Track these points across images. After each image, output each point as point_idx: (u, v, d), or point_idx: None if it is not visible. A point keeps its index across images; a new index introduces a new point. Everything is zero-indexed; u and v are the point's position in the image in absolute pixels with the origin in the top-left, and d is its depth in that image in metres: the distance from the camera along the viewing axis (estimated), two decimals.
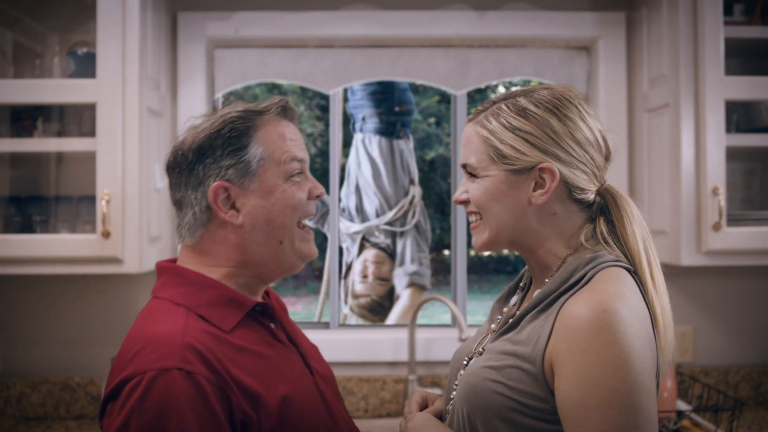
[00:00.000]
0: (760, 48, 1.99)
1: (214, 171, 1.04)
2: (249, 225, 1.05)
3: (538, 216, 1.03)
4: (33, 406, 2.09)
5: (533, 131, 1.00)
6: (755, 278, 2.21)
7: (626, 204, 1.04)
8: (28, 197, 1.99)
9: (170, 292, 1.04)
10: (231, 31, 2.14)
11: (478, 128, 1.04)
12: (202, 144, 1.04)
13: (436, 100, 9.61)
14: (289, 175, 1.07)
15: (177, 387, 0.89)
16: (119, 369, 0.94)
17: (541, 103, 1.01)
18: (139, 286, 2.12)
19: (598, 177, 1.04)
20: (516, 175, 1.01)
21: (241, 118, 1.05)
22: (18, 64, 1.98)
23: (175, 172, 1.08)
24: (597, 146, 1.03)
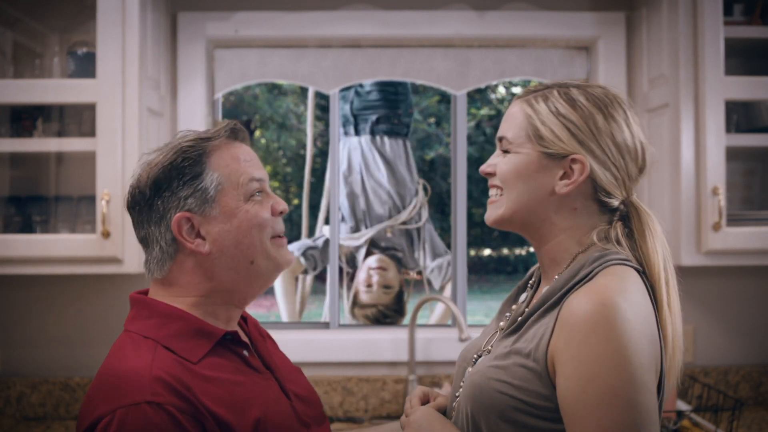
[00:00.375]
0: (760, 48, 1.99)
1: (173, 203, 1.03)
2: (217, 251, 1.04)
3: (557, 207, 1.02)
4: (33, 406, 2.09)
5: (576, 121, 0.99)
6: (755, 278, 2.21)
7: (650, 220, 1.02)
8: (28, 197, 1.99)
9: (139, 325, 1.04)
10: (231, 31, 2.14)
11: (524, 106, 1.04)
12: (157, 178, 1.04)
13: (436, 100, 9.61)
14: (249, 196, 1.06)
15: (149, 420, 0.90)
16: (90, 408, 0.94)
17: (592, 97, 1.01)
18: (138, 286, 2.10)
19: (626, 186, 1.02)
20: (548, 159, 1.01)
21: (192, 147, 1.05)
22: (18, 64, 1.98)
23: (136, 211, 1.08)
24: (634, 155, 1.02)
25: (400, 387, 2.15)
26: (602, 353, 0.87)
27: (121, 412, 0.90)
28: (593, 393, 0.86)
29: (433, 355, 2.16)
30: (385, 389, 2.16)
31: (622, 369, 0.86)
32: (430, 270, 3.38)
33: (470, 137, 9.57)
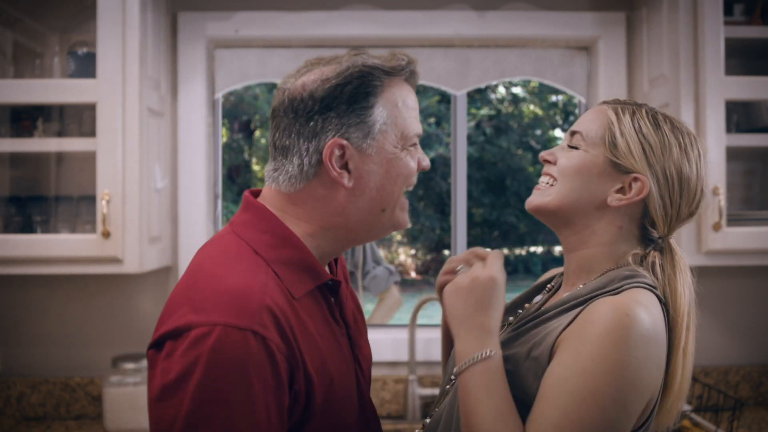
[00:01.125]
0: (760, 48, 1.99)
1: (335, 126, 0.96)
2: (358, 189, 0.98)
3: (603, 217, 1.02)
4: (33, 406, 2.09)
5: (653, 144, 1.01)
6: (755, 278, 2.21)
7: (682, 262, 1.03)
8: (29, 197, 1.99)
9: (252, 236, 0.97)
10: (231, 31, 2.14)
11: (610, 112, 1.04)
12: (326, 95, 0.97)
13: (436, 100, 9.61)
14: (407, 145, 1.01)
15: (249, 349, 0.84)
16: (186, 307, 0.87)
17: (676, 128, 1.03)
18: (139, 286, 2.12)
19: (671, 224, 1.03)
20: (612, 168, 1.01)
21: (371, 74, 0.99)
22: (18, 64, 1.98)
23: (288, 117, 0.99)
24: (691, 196, 1.02)
25: (400, 387, 2.15)
26: (605, 356, 0.87)
27: (221, 330, 0.84)
28: (577, 386, 0.86)
29: (434, 355, 2.16)
30: (386, 389, 2.16)
31: (615, 379, 0.86)
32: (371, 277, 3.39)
33: (470, 137, 9.57)
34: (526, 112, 9.87)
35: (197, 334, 0.84)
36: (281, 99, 1.01)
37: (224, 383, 0.83)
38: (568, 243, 1.06)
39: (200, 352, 0.83)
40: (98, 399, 2.09)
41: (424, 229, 10.46)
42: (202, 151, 2.14)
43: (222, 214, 2.30)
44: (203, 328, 0.84)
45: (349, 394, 1.01)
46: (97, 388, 2.09)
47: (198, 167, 2.13)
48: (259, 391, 0.85)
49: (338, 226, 1.00)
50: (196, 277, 0.93)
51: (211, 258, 0.96)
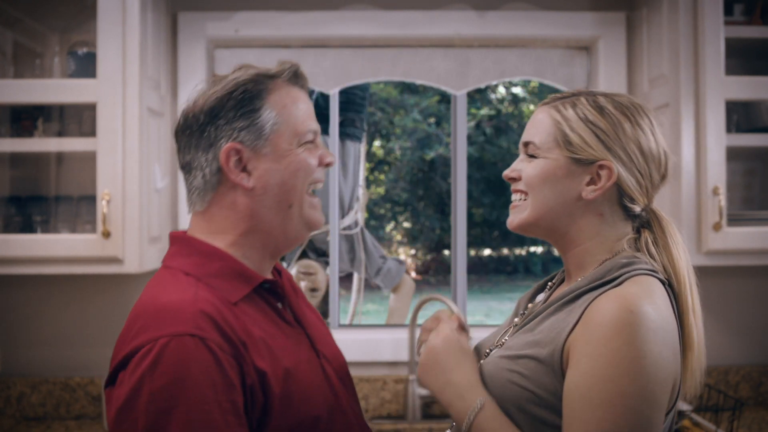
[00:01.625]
0: (761, 48, 2.00)
1: (226, 132, 1.01)
2: (260, 188, 1.02)
3: (583, 212, 1.03)
4: (33, 406, 2.09)
5: (604, 128, 1.01)
6: (755, 278, 2.21)
7: (670, 226, 1.04)
8: (29, 197, 1.99)
9: (179, 262, 1.02)
10: (231, 31, 2.14)
11: (552, 112, 1.05)
12: (214, 106, 1.02)
13: (436, 100, 9.60)
14: (302, 142, 1.05)
15: (190, 353, 0.87)
16: (128, 339, 0.91)
17: (618, 104, 1.03)
18: (139, 286, 2.11)
19: (649, 193, 1.04)
20: (575, 165, 1.02)
21: (253, 81, 1.03)
22: (18, 64, 1.98)
23: (185, 135, 1.06)
24: (657, 162, 1.03)
25: (400, 387, 2.15)
26: (621, 358, 0.87)
27: (162, 341, 0.87)
28: (602, 394, 0.87)
29: None
30: (386, 389, 2.16)
31: (636, 377, 0.87)
32: (384, 273, 3.40)
33: (470, 137, 9.57)
34: (526, 112, 9.87)
35: (140, 355, 0.87)
36: (178, 121, 1.07)
37: (173, 390, 0.85)
38: (560, 246, 1.08)
39: (144, 368, 0.86)
40: (98, 399, 2.09)
41: (424, 229, 10.47)
42: None
43: None
44: (144, 347, 0.88)
45: (317, 384, 1.03)
46: (97, 388, 2.09)
47: None
48: (209, 391, 0.86)
49: (253, 230, 1.04)
50: (136, 311, 0.97)
51: (147, 292, 1.00)
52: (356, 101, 3.18)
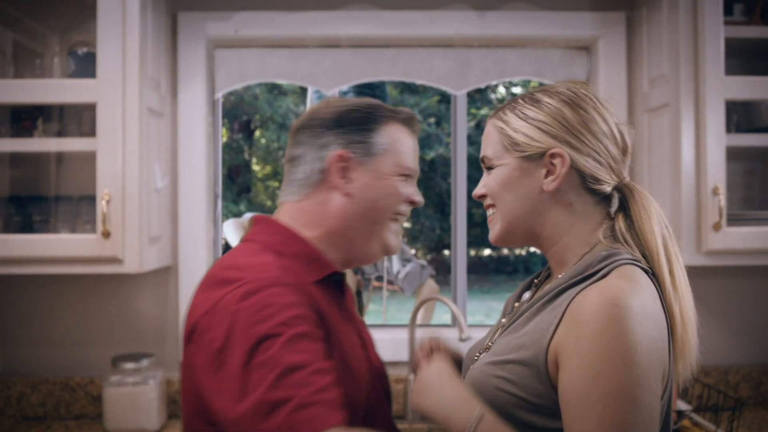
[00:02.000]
0: (760, 48, 1.99)
1: (341, 140, 1.11)
2: (355, 197, 1.10)
3: (552, 205, 1.03)
4: (33, 406, 2.09)
5: (545, 119, 1.01)
6: (755, 278, 2.21)
7: (644, 199, 1.02)
8: (28, 197, 1.99)
9: (262, 238, 1.10)
10: (231, 31, 2.14)
11: (495, 121, 1.07)
12: (338, 116, 1.12)
13: (436, 100, 9.60)
14: (400, 173, 1.14)
15: (278, 294, 0.93)
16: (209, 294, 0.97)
17: (556, 94, 1.04)
18: (139, 285, 2.12)
19: (615, 170, 1.03)
20: (528, 162, 1.02)
21: (376, 108, 1.14)
22: (18, 64, 1.98)
23: (304, 131, 1.15)
24: (612, 138, 1.02)
25: (400, 387, 2.15)
26: (611, 352, 0.87)
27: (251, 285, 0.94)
28: (598, 389, 0.87)
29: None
30: None
31: (629, 369, 0.87)
32: (403, 276, 3.39)
33: (470, 137, 9.56)
34: None
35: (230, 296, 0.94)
36: (301, 119, 1.17)
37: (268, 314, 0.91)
38: (541, 247, 1.08)
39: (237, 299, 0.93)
40: (98, 399, 2.09)
41: (424, 229, 10.47)
42: (202, 151, 2.14)
43: (222, 214, 2.30)
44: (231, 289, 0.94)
45: (361, 378, 1.08)
46: (97, 388, 2.09)
47: (198, 167, 2.13)
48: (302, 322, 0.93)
49: (339, 232, 1.12)
50: (211, 275, 1.03)
51: (226, 258, 1.07)
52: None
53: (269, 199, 9.62)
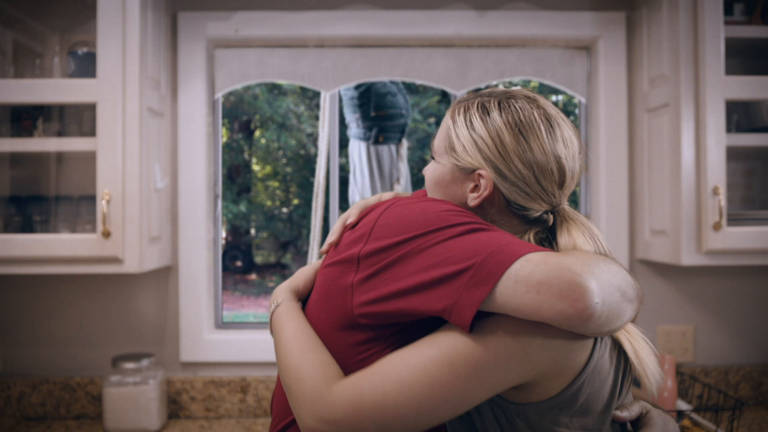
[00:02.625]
0: (761, 48, 1.99)
1: None
2: None
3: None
4: (33, 406, 2.09)
5: (484, 136, 0.99)
6: (755, 278, 2.21)
7: (573, 227, 0.99)
8: (29, 197, 1.99)
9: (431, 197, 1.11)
10: (231, 31, 2.14)
11: (448, 116, 1.06)
12: None
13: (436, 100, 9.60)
14: None
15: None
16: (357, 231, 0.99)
17: (506, 113, 1.00)
18: (139, 285, 2.12)
19: (545, 200, 1.00)
20: (459, 171, 1.03)
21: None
22: (18, 63, 1.98)
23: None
24: (548, 172, 0.98)
25: None
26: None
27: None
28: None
29: None
30: None
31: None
32: None
33: None
34: None
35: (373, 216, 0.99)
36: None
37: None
38: None
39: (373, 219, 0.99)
40: (98, 399, 2.09)
41: None
42: (202, 151, 2.14)
43: (222, 214, 2.30)
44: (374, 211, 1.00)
45: None
46: (97, 388, 2.09)
47: (198, 167, 2.13)
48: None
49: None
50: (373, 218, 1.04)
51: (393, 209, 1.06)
52: (356, 102, 3.15)
53: (269, 198, 9.62)
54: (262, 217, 9.40)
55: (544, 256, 0.84)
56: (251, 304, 7.59)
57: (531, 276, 0.82)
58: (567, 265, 0.83)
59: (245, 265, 8.83)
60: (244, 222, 9.30)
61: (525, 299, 0.83)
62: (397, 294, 0.89)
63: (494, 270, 0.84)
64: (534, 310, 0.82)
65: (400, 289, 0.89)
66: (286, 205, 9.39)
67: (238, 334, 2.15)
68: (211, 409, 2.12)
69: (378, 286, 0.91)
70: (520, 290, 0.83)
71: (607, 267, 0.87)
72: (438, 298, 0.86)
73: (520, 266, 0.83)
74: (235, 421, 2.09)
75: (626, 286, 0.89)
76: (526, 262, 0.83)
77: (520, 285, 0.83)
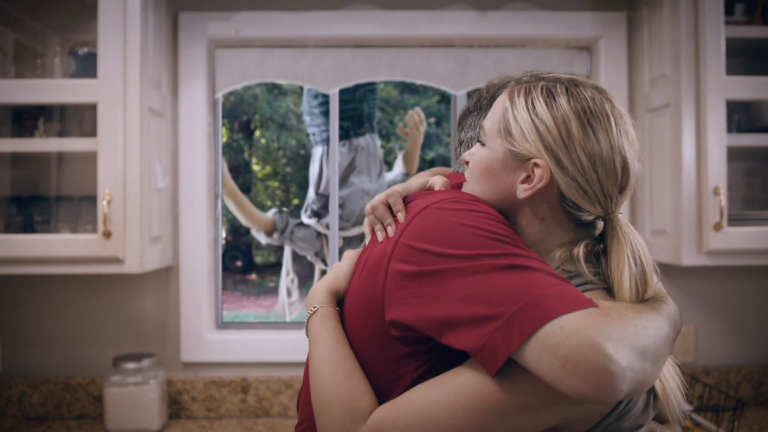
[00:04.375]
0: (761, 48, 1.99)
1: None
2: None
3: (521, 213, 0.95)
4: (34, 406, 2.09)
5: (548, 123, 0.90)
6: (756, 278, 2.21)
7: (621, 243, 0.90)
8: (30, 197, 1.99)
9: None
10: (232, 31, 2.14)
11: (505, 97, 0.96)
12: (494, 95, 1.12)
13: (436, 100, 9.60)
14: None
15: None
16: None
17: (575, 100, 0.91)
18: (140, 286, 2.12)
19: (601, 203, 0.91)
20: (513, 158, 0.93)
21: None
22: (19, 64, 1.98)
23: (472, 114, 1.17)
24: (611, 171, 0.90)
25: None
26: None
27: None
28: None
29: None
30: None
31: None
32: None
33: None
34: None
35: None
36: (472, 101, 1.20)
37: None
38: None
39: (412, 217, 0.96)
40: (99, 399, 2.09)
41: None
42: (202, 151, 2.14)
43: (222, 214, 2.30)
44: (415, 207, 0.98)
45: None
46: (98, 388, 2.09)
47: (198, 167, 2.13)
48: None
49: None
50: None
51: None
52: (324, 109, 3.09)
53: (269, 199, 9.62)
54: None
55: (579, 324, 0.77)
56: (251, 304, 7.59)
57: (559, 347, 0.76)
58: (599, 343, 0.75)
59: (245, 265, 8.83)
60: None
61: (547, 369, 0.77)
62: (427, 319, 0.86)
63: (524, 327, 0.79)
64: (554, 381, 0.77)
65: (430, 316, 0.85)
66: (286, 205, 9.39)
67: (238, 334, 2.16)
68: (212, 410, 2.12)
69: (409, 302, 0.87)
70: (545, 359, 0.77)
71: (649, 325, 0.81)
72: (467, 338, 0.82)
73: (551, 331, 0.77)
74: (236, 421, 2.09)
75: (663, 344, 0.83)
76: (558, 329, 0.77)
77: (545, 353, 0.77)
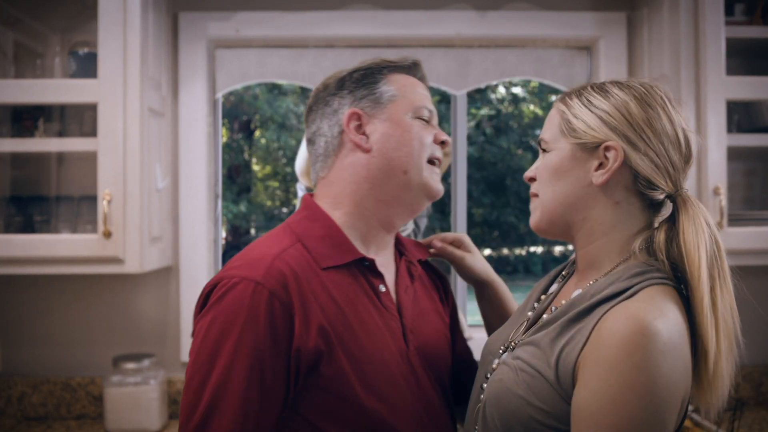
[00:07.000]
0: (761, 48, 2.00)
1: (348, 101, 1.13)
2: (377, 151, 1.10)
3: (597, 200, 0.98)
4: (34, 406, 2.09)
5: (608, 109, 0.96)
6: (756, 278, 2.20)
7: (696, 215, 0.94)
8: (30, 197, 1.99)
9: (294, 220, 1.12)
10: (232, 31, 2.14)
11: (559, 104, 1.03)
12: (340, 80, 1.15)
13: (436, 100, 9.60)
14: (416, 116, 1.14)
15: (247, 293, 0.96)
16: (220, 272, 1.02)
17: (627, 87, 0.98)
18: (140, 286, 2.12)
19: (671, 177, 0.96)
20: (581, 151, 0.98)
21: (378, 65, 1.17)
22: (19, 64, 1.98)
23: (313, 110, 1.18)
24: (676, 143, 0.96)
25: None
26: (631, 382, 0.83)
27: (233, 280, 0.98)
28: (610, 417, 0.83)
29: None
30: None
31: (646, 402, 0.83)
32: None
33: (470, 137, 9.56)
34: (526, 112, 9.87)
35: (215, 283, 1.00)
36: (309, 100, 1.20)
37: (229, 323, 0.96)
38: (577, 242, 1.03)
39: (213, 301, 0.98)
40: (99, 399, 2.09)
41: (425, 229, 10.46)
42: (202, 151, 2.14)
43: (222, 214, 2.30)
44: (223, 281, 0.99)
45: (391, 371, 1.04)
46: (98, 388, 2.09)
47: (198, 167, 2.13)
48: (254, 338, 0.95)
49: (369, 196, 1.11)
50: (238, 253, 1.07)
51: (256, 241, 1.10)
52: None
53: (269, 199, 9.62)
54: (262, 217, 9.40)
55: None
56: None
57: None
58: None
59: None
60: (244, 222, 9.30)
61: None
62: None
63: None
64: None
65: None
66: (286, 205, 9.38)
67: None
68: None
69: None
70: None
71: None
72: None
73: None
74: None
75: None
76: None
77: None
